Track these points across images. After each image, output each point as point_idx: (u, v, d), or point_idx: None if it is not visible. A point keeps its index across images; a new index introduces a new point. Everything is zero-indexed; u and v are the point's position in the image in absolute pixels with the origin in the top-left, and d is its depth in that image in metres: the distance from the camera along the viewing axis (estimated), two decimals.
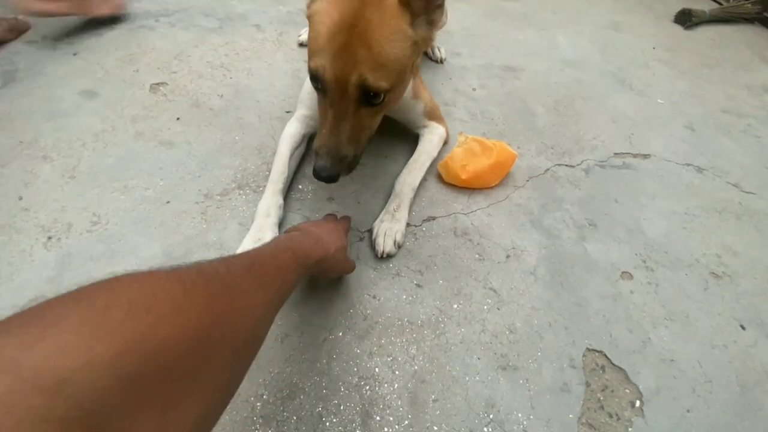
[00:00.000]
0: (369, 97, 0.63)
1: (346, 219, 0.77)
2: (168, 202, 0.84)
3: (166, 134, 0.99)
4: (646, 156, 1.16)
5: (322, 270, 0.61)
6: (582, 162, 1.10)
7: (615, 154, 1.15)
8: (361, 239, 0.83)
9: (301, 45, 1.38)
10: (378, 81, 0.61)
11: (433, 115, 1.01)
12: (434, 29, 0.69)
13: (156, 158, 0.93)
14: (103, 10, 1.34)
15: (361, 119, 0.66)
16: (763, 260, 0.92)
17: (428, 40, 0.70)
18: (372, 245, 0.80)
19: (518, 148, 1.11)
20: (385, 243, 0.77)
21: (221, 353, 0.33)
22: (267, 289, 0.42)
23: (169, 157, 0.94)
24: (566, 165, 1.08)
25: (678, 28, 2.01)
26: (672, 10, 2.10)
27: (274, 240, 0.58)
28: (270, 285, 0.43)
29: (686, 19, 2.02)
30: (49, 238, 0.76)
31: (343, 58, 0.59)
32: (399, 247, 0.79)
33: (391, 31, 0.61)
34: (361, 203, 0.91)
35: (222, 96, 1.13)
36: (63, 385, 0.21)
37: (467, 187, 0.96)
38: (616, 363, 0.70)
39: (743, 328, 0.79)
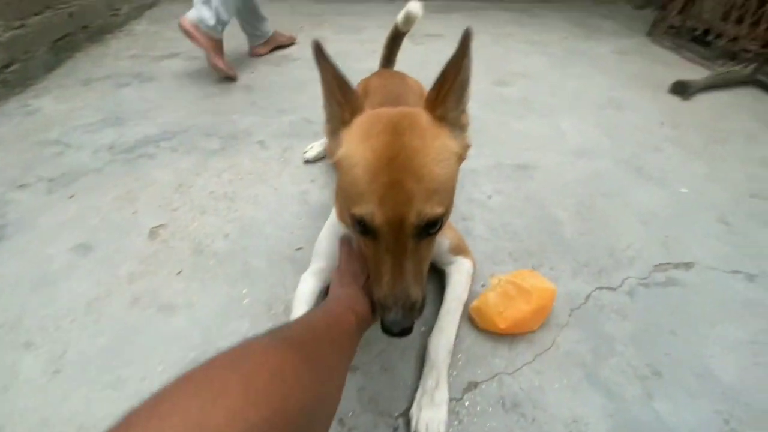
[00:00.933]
0: (427, 227, 0.55)
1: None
2: None
3: (166, 295, 0.90)
4: (688, 265, 1.06)
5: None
6: (623, 282, 1.00)
7: (655, 266, 1.05)
8: (395, 430, 0.70)
9: (307, 162, 1.34)
10: (435, 209, 0.53)
11: (458, 249, 0.92)
12: (465, 134, 0.63)
13: (154, 331, 0.83)
14: (283, 41, 2.25)
15: (421, 253, 0.57)
16: None
17: (467, 147, 0.62)
18: None
19: (551, 270, 1.02)
20: None
21: (321, 421, 0.38)
22: (343, 356, 0.49)
23: (169, 328, 0.84)
24: (607, 288, 0.98)
25: (676, 100, 2.01)
26: (664, 79, 2.13)
27: (338, 296, 0.60)
28: (344, 351, 0.50)
29: (683, 89, 2.04)
30: None
31: (393, 197, 0.51)
32: None
33: (437, 152, 0.54)
34: (389, 370, 0.79)
35: (227, 236, 1.05)
36: None
37: (506, 334, 0.85)
38: None
39: None
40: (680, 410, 0.76)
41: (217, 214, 1.12)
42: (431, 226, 0.55)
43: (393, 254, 0.55)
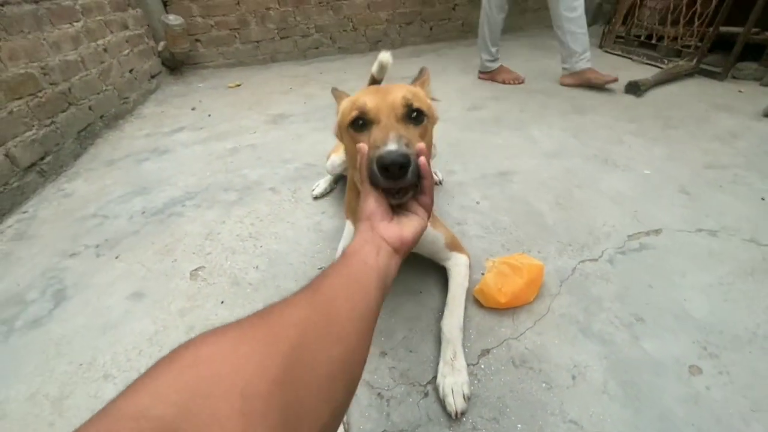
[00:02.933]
0: (412, 115, 0.68)
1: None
2: None
3: (215, 321, 1.05)
4: (657, 231, 1.22)
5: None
6: (603, 253, 1.15)
7: (629, 236, 1.21)
8: (426, 395, 0.83)
9: (316, 198, 1.53)
10: (417, 101, 0.69)
11: (453, 245, 1.08)
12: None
13: None
14: (506, 79, 2.68)
15: (411, 134, 0.65)
16: None
17: (437, 117, 0.80)
18: (441, 403, 0.80)
19: (539, 253, 1.17)
20: (456, 402, 0.77)
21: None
22: (359, 308, 0.46)
23: None
24: (589, 260, 1.13)
25: (631, 98, 2.25)
26: (619, 82, 2.38)
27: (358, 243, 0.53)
28: (363, 301, 0.47)
29: (636, 88, 2.28)
30: None
31: (381, 94, 0.70)
32: (469, 399, 0.79)
33: (418, 91, 0.77)
34: (413, 351, 0.93)
35: (257, 267, 1.22)
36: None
37: (507, 308, 0.99)
38: None
39: None
40: (664, 345, 0.88)
41: (246, 252, 1.29)
42: (416, 117, 0.69)
43: (386, 124, 0.64)
